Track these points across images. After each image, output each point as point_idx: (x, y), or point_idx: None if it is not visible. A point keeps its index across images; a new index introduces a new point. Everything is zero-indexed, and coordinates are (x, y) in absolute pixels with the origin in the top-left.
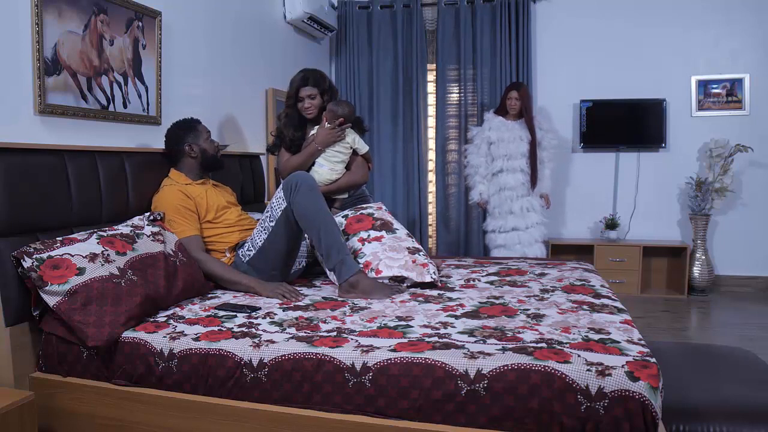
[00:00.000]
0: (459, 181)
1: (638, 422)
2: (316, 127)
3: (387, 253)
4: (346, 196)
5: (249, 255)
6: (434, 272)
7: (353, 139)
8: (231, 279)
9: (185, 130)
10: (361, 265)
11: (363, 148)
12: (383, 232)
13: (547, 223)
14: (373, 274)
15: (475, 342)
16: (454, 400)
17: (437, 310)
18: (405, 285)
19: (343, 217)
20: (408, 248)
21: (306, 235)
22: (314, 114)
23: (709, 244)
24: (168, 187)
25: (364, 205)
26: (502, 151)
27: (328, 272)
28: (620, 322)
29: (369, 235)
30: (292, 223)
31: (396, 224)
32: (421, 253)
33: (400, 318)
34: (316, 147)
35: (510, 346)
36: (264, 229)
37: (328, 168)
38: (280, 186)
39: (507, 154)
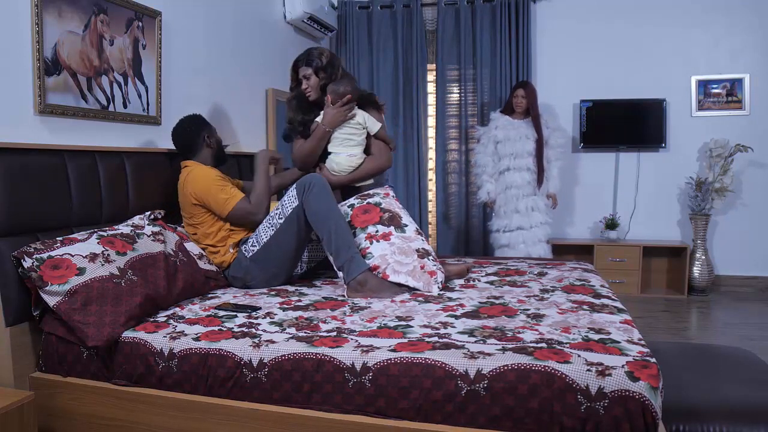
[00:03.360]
0: (459, 180)
1: (638, 422)
2: (322, 112)
3: (395, 256)
4: (371, 182)
5: (252, 251)
6: (442, 280)
7: (363, 119)
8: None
9: (199, 123)
10: (370, 264)
11: (374, 126)
12: (392, 228)
13: (552, 223)
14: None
15: (475, 342)
16: (454, 400)
17: (437, 310)
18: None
19: (348, 206)
20: (417, 250)
21: (316, 234)
22: (314, 96)
23: (709, 244)
24: (197, 168)
25: (371, 192)
26: (508, 150)
27: (336, 271)
28: (620, 322)
29: (377, 231)
30: (302, 223)
31: (405, 218)
32: (429, 257)
33: (400, 318)
34: (324, 128)
35: (510, 346)
36: (271, 226)
37: (345, 155)
38: (293, 185)
39: (513, 152)
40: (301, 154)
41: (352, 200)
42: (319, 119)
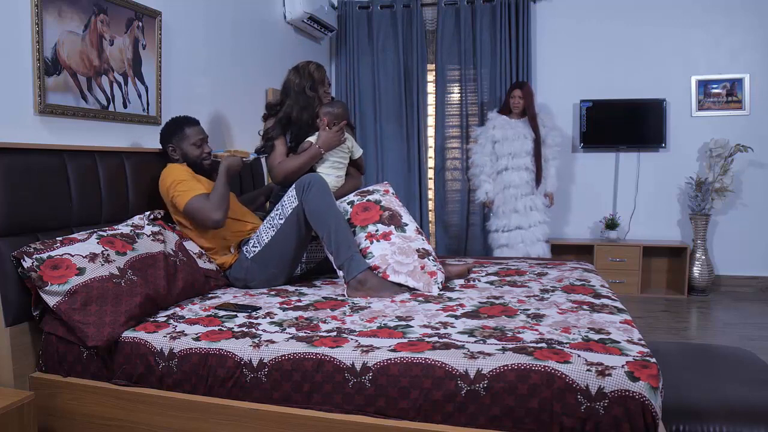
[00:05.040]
0: (460, 180)
1: (638, 422)
2: (317, 132)
3: (396, 257)
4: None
5: (254, 251)
6: (442, 281)
7: (351, 143)
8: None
9: (173, 129)
10: (371, 263)
11: (357, 151)
12: (392, 228)
13: (550, 222)
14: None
15: (475, 342)
16: (454, 400)
17: (437, 310)
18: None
19: (348, 204)
20: (417, 250)
21: (316, 233)
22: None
23: (709, 244)
24: (167, 167)
25: (370, 188)
26: (506, 150)
27: (336, 270)
28: (620, 322)
29: (377, 230)
30: (302, 223)
31: (405, 216)
32: (430, 257)
33: (400, 318)
34: (320, 151)
35: (510, 346)
36: (272, 227)
37: (335, 176)
38: (293, 186)
39: (511, 152)
40: (286, 169)
41: (351, 197)
42: (312, 139)
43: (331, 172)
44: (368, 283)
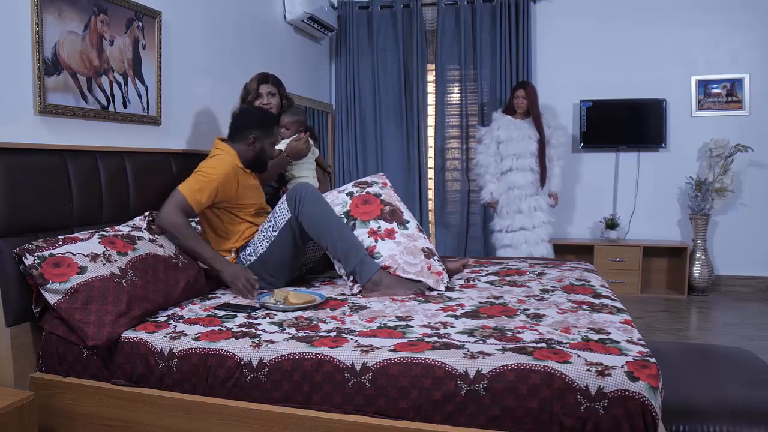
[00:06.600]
0: (460, 180)
1: (638, 422)
2: (284, 141)
3: (404, 257)
4: None
5: (250, 260)
6: (447, 280)
7: (313, 146)
8: (199, 252)
9: (262, 121)
10: (381, 264)
11: (316, 151)
12: (394, 225)
13: (554, 223)
14: None
15: (475, 342)
16: (453, 400)
17: (437, 310)
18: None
19: (347, 194)
20: (423, 250)
21: (312, 239)
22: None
23: (709, 244)
24: (225, 156)
25: (368, 180)
26: (511, 150)
27: (344, 275)
28: (620, 322)
29: (380, 227)
30: (297, 234)
31: (405, 213)
32: (435, 257)
33: (399, 318)
34: (288, 160)
35: (510, 346)
36: (266, 238)
37: (312, 177)
38: (283, 197)
39: (516, 153)
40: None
41: (350, 188)
42: (281, 147)
43: (309, 173)
44: (383, 282)
